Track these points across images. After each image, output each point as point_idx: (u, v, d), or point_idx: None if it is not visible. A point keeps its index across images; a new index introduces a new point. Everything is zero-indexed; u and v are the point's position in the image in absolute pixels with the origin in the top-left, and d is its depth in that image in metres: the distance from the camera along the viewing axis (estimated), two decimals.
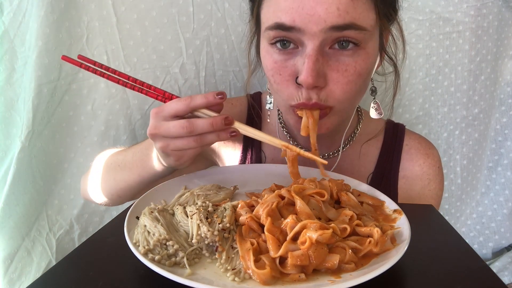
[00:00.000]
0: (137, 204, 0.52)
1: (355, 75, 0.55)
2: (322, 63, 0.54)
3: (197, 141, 0.53)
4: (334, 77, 0.55)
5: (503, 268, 1.01)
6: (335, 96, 0.56)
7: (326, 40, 0.53)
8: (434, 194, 0.75)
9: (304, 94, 0.56)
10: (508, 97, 0.98)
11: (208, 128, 0.52)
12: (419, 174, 0.73)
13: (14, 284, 0.88)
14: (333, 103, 0.57)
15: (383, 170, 0.73)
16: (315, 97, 0.56)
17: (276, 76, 0.58)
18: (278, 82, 0.58)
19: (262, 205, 0.48)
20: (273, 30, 0.55)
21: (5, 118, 0.86)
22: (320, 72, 0.54)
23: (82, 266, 0.46)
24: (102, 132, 0.95)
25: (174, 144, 0.54)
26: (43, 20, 0.82)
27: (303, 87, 0.55)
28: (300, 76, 0.54)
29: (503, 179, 1.02)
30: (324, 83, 0.55)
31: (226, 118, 0.53)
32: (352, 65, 0.55)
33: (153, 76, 0.96)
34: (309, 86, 0.54)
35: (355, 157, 0.73)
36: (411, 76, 1.02)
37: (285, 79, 0.57)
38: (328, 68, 0.55)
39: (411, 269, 0.44)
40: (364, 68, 0.56)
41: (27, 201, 0.88)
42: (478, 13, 0.95)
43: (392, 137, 0.75)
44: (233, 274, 0.41)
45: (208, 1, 0.94)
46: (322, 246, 0.42)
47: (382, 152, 0.74)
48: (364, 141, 0.74)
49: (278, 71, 0.57)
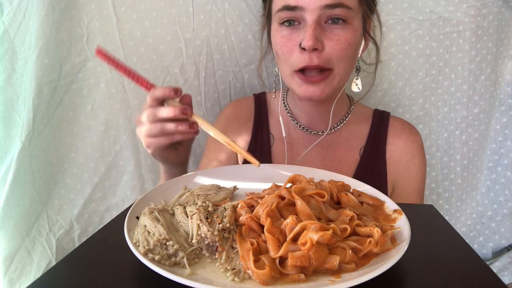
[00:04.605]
0: (137, 204, 0.52)
1: (346, 44, 0.71)
2: (320, 32, 0.69)
3: (157, 127, 0.62)
4: (329, 44, 0.70)
5: (503, 268, 1.01)
6: (333, 58, 0.71)
7: (322, 15, 0.69)
8: (419, 171, 0.86)
9: (306, 57, 0.70)
10: (508, 97, 0.98)
11: (167, 114, 0.61)
12: (404, 148, 0.85)
13: (14, 284, 0.88)
14: (332, 65, 0.71)
15: (372, 144, 0.85)
16: (316, 60, 0.69)
17: (283, 48, 0.73)
18: (285, 52, 0.73)
19: (262, 205, 0.48)
20: (282, 11, 0.71)
21: (5, 118, 0.86)
22: (318, 37, 0.69)
23: (82, 266, 0.46)
24: (102, 132, 0.95)
25: (143, 129, 0.63)
26: (43, 20, 0.82)
27: (305, 52, 0.69)
28: (303, 41, 0.69)
29: (503, 179, 1.02)
30: (322, 48, 0.70)
31: (184, 108, 0.61)
32: (343, 36, 0.70)
33: (153, 76, 0.96)
34: (310, 47, 0.68)
35: (348, 134, 0.85)
36: (411, 76, 1.02)
37: (291, 48, 0.72)
38: (324, 37, 0.70)
39: (411, 269, 0.44)
40: (352, 39, 0.71)
41: (27, 201, 0.88)
42: (478, 13, 0.94)
43: (379, 118, 0.88)
44: (233, 274, 0.41)
45: (208, 2, 0.94)
46: (322, 247, 0.42)
47: (371, 130, 0.86)
48: (356, 122, 0.87)
49: (285, 43, 0.72)
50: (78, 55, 0.90)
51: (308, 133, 0.85)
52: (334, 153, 0.84)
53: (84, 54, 0.90)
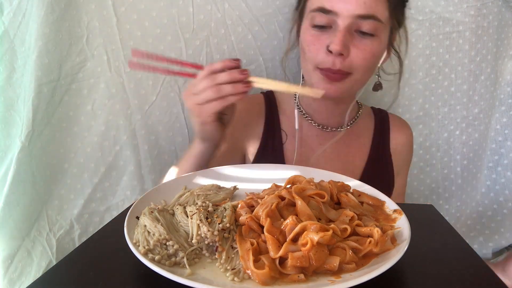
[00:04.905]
0: (137, 204, 0.52)
1: (370, 54, 0.74)
2: (348, 38, 0.72)
3: (215, 91, 0.63)
4: (355, 52, 0.73)
5: None
6: (354, 65, 0.74)
7: (353, 24, 0.72)
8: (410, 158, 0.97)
9: (331, 60, 0.73)
10: (508, 97, 0.98)
11: (227, 78, 0.63)
12: (405, 141, 0.94)
13: (14, 284, 0.88)
14: (352, 70, 0.75)
15: (379, 139, 0.92)
16: (339, 64, 0.73)
17: (311, 46, 0.76)
18: (312, 50, 0.76)
19: (262, 205, 0.48)
20: (316, 12, 0.74)
21: (5, 118, 0.86)
22: (346, 44, 0.72)
23: (82, 266, 0.46)
24: (102, 132, 0.95)
25: (198, 97, 0.65)
26: (43, 20, 0.82)
27: (331, 55, 0.73)
28: (331, 45, 0.72)
29: (503, 179, 1.02)
30: (347, 54, 0.73)
31: (243, 70, 0.65)
32: (369, 47, 0.74)
33: (153, 76, 0.96)
34: (337, 52, 0.71)
35: (358, 131, 0.92)
36: (411, 76, 1.02)
37: (318, 48, 0.75)
38: (351, 44, 0.73)
39: (411, 269, 0.44)
40: (377, 51, 0.76)
41: (27, 201, 0.88)
42: (478, 13, 0.95)
43: (380, 116, 0.95)
44: (232, 274, 0.41)
45: (208, 2, 0.94)
46: (322, 248, 0.42)
47: (375, 126, 0.94)
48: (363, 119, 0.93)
49: (313, 42, 0.76)
50: (78, 55, 0.90)
51: (323, 130, 0.89)
52: (348, 149, 0.89)
53: (84, 54, 0.90)
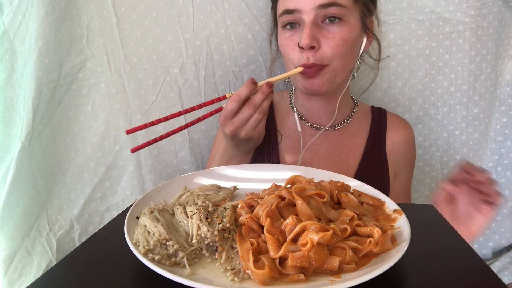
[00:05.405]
0: (137, 204, 0.52)
1: (341, 41, 0.75)
2: (316, 31, 0.74)
3: (260, 111, 0.69)
4: (325, 42, 0.75)
5: (503, 268, 1.01)
6: (327, 55, 0.75)
7: (317, 15, 0.74)
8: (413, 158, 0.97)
9: (304, 56, 0.75)
10: (508, 97, 0.98)
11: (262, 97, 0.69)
12: (403, 141, 0.92)
13: (14, 284, 0.88)
14: (326, 61, 0.76)
15: (374, 138, 0.91)
16: (312, 58, 0.75)
17: (286, 48, 0.79)
18: (288, 51, 0.79)
19: (261, 205, 0.48)
20: (283, 15, 0.78)
21: (5, 118, 0.86)
22: (314, 36, 0.74)
23: (82, 266, 0.46)
24: (102, 132, 0.95)
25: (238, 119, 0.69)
26: (43, 20, 0.82)
27: (304, 51, 0.75)
28: (300, 41, 0.74)
29: (503, 179, 1.02)
30: (318, 46, 0.75)
31: (267, 83, 0.70)
32: (338, 33, 0.75)
33: (153, 76, 0.96)
34: (307, 46, 0.73)
35: (353, 130, 0.92)
36: (411, 76, 1.02)
37: (292, 48, 0.78)
38: (320, 35, 0.75)
39: (411, 269, 0.44)
40: (348, 36, 0.76)
41: (27, 201, 0.88)
42: (478, 13, 0.94)
43: (378, 115, 0.95)
44: (232, 274, 0.41)
45: (208, 2, 0.94)
46: (323, 248, 0.42)
47: (372, 125, 0.93)
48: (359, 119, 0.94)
49: (287, 44, 0.79)
50: (78, 55, 0.90)
51: (316, 129, 0.90)
52: (341, 148, 0.89)
53: (84, 54, 0.90)
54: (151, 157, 0.99)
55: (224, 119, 0.71)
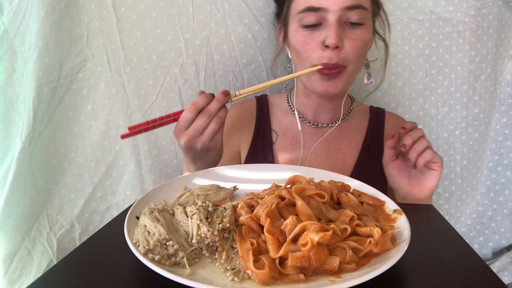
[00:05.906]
0: (137, 204, 0.52)
1: (362, 43, 0.77)
2: (341, 31, 0.74)
3: (216, 120, 0.67)
4: (348, 43, 0.75)
5: (503, 268, 1.01)
6: (349, 56, 0.76)
7: (342, 16, 0.74)
8: None
9: (327, 55, 0.74)
10: (508, 97, 0.98)
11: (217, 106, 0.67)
12: None
13: (14, 284, 0.88)
14: (347, 63, 0.76)
15: (371, 137, 0.91)
16: (335, 58, 0.74)
17: (305, 46, 0.77)
18: (307, 50, 0.77)
19: (261, 205, 0.48)
20: (305, 12, 0.76)
21: (5, 118, 0.86)
22: (340, 36, 0.74)
23: (82, 266, 0.46)
24: (102, 132, 0.95)
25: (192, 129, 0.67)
26: (43, 20, 0.82)
27: (327, 49, 0.74)
28: (327, 39, 0.73)
29: (503, 179, 1.02)
30: (342, 47, 0.75)
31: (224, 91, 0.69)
32: (360, 36, 0.76)
33: (153, 76, 0.96)
34: (333, 45, 0.73)
35: (350, 128, 0.92)
36: (411, 76, 1.02)
37: (313, 46, 0.76)
38: (344, 36, 0.75)
39: (411, 269, 0.44)
40: (367, 39, 0.78)
41: (27, 201, 0.88)
42: (478, 13, 0.94)
43: (376, 114, 0.95)
44: (232, 274, 0.41)
45: (208, 2, 0.94)
46: (323, 248, 0.42)
47: (369, 124, 0.93)
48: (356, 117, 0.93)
49: (307, 42, 0.77)
50: (78, 55, 0.90)
51: (313, 127, 0.90)
52: (338, 145, 0.89)
53: (84, 54, 0.90)
54: (151, 157, 0.99)
55: (178, 130, 0.68)
